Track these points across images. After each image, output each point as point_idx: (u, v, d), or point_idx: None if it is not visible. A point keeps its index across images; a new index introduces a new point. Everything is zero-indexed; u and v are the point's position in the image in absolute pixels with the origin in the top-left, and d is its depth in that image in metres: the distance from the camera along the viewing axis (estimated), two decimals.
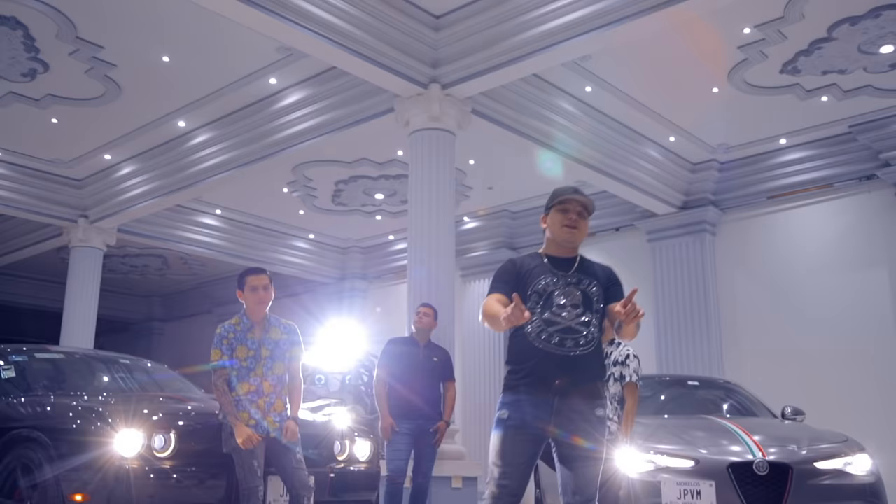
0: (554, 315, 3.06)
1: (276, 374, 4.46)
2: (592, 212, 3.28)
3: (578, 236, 3.23)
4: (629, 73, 8.56)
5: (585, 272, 3.18)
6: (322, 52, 7.27)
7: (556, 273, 3.14)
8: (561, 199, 3.22)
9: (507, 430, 3.02)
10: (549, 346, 3.03)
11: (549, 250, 3.25)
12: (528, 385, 3.03)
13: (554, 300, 3.08)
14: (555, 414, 2.99)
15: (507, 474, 2.98)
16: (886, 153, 9.50)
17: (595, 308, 3.12)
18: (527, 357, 3.06)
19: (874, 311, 9.56)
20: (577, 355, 3.04)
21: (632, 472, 5.26)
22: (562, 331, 3.05)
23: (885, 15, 7.26)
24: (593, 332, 3.10)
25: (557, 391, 2.99)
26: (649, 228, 11.45)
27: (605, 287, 3.18)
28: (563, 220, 3.19)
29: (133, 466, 4.05)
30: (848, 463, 5.39)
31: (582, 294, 3.11)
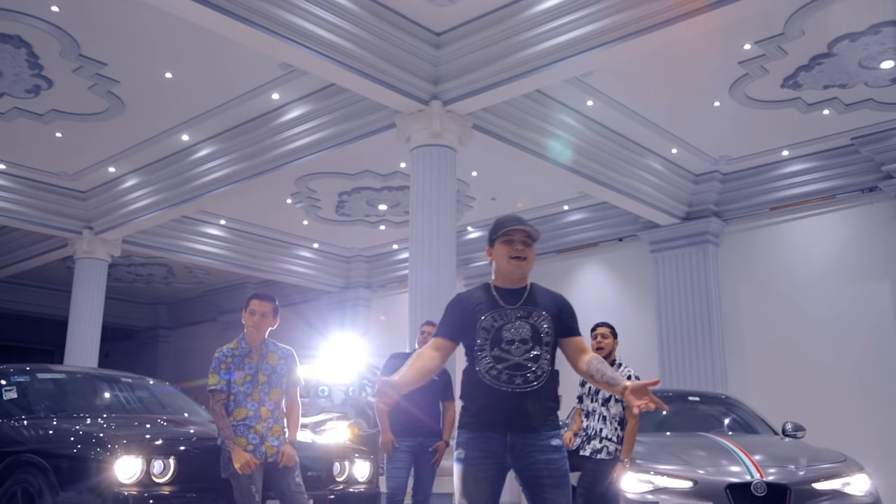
0: (502, 351, 3.03)
1: (273, 399, 4.49)
2: (537, 238, 3.22)
3: (526, 267, 3.17)
4: (630, 87, 8.58)
5: (534, 303, 3.13)
6: (323, 69, 7.31)
7: (503, 307, 3.11)
8: (505, 231, 3.16)
9: (466, 467, 3.03)
10: (498, 383, 3.01)
11: (497, 282, 3.19)
12: (481, 423, 3.04)
13: (502, 336, 3.05)
14: (510, 450, 3.00)
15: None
16: (888, 165, 9.51)
17: (545, 341, 3.08)
18: (478, 395, 3.05)
19: (876, 323, 9.56)
20: (528, 391, 3.01)
21: (630, 493, 5.28)
22: (511, 367, 3.02)
23: (884, 31, 7.26)
24: (543, 365, 3.06)
25: (510, 427, 3.00)
26: (652, 239, 11.46)
27: (556, 318, 3.14)
28: (510, 252, 3.13)
29: (132, 493, 4.08)
30: (846, 483, 5.40)
31: (531, 328, 3.08)
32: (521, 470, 3.02)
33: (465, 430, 3.08)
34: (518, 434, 3.00)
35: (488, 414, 3.03)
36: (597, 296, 12.08)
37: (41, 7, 7.17)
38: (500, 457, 3.01)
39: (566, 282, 12.50)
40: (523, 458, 3.00)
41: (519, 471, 3.03)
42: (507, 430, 3.00)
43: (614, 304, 11.87)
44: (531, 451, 3.00)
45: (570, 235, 12.51)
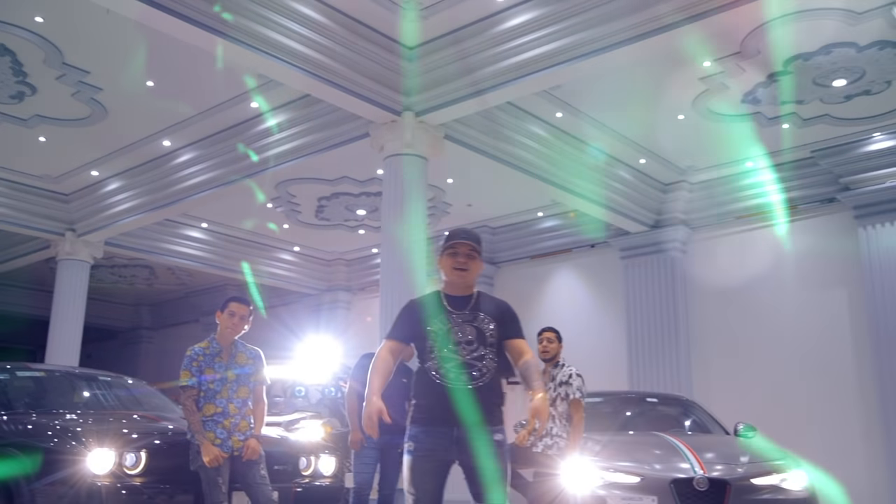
0: (450, 352, 3.34)
1: (240, 396, 4.77)
2: (481, 249, 3.54)
3: (469, 277, 3.49)
4: (598, 100, 8.90)
5: (480, 309, 3.45)
6: (298, 81, 7.59)
7: (451, 311, 3.42)
8: (451, 244, 3.50)
9: (414, 460, 3.33)
10: (445, 380, 3.31)
11: (446, 290, 3.52)
12: (429, 418, 3.33)
13: (450, 338, 3.36)
14: (455, 443, 3.28)
15: (420, 500, 3.30)
16: (846, 178, 9.87)
17: (489, 342, 3.38)
18: (428, 392, 3.36)
19: (832, 330, 9.92)
20: (472, 388, 3.31)
21: (580, 488, 5.59)
22: (458, 366, 3.32)
23: (835, 52, 7.61)
24: (488, 365, 3.36)
25: (457, 422, 3.28)
26: (622, 246, 11.80)
27: (499, 322, 3.45)
28: (453, 264, 3.46)
29: (105, 483, 4.36)
30: (784, 479, 5.73)
31: (476, 330, 3.39)
32: (465, 463, 3.30)
33: (415, 425, 3.37)
34: (464, 428, 3.27)
35: (437, 410, 3.31)
36: (569, 300, 12.42)
37: (26, 18, 7.41)
38: (447, 450, 3.30)
39: (540, 286, 12.83)
40: (467, 451, 3.28)
41: (463, 463, 3.31)
42: (453, 424, 3.28)
43: (585, 308, 12.20)
44: (475, 444, 3.27)
45: (544, 241, 12.83)
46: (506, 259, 13.30)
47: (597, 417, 6.85)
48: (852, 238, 9.94)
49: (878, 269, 9.56)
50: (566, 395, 5.73)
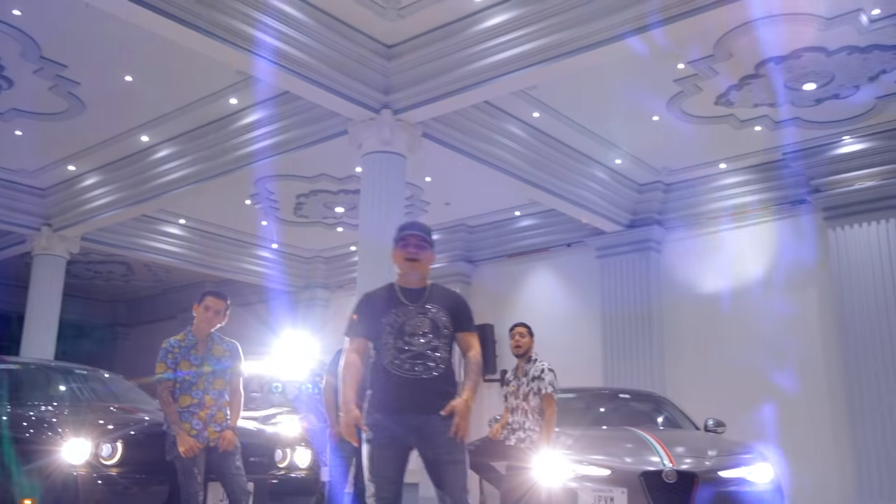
0: (405, 343, 3.46)
1: (216, 388, 4.83)
2: (432, 241, 3.66)
3: (420, 267, 3.62)
4: (574, 101, 9.01)
5: (434, 301, 3.58)
6: (278, 78, 7.63)
7: (406, 304, 3.54)
8: (402, 237, 3.63)
9: (373, 448, 3.44)
10: (401, 371, 3.43)
11: (400, 282, 3.65)
12: (386, 407, 3.44)
13: (405, 329, 3.47)
14: (413, 431, 3.40)
15: (381, 487, 3.41)
16: (816, 180, 10.07)
17: (443, 334, 3.51)
18: (384, 382, 3.47)
19: (803, 329, 10.11)
20: (427, 378, 3.44)
21: (552, 480, 5.70)
22: (413, 357, 3.44)
23: (805, 56, 7.78)
24: (442, 355, 3.50)
25: (413, 411, 3.40)
26: (598, 245, 11.94)
27: (453, 314, 3.57)
28: (405, 255, 3.60)
29: (80, 473, 4.40)
30: (751, 472, 5.88)
31: (430, 322, 3.51)
32: (423, 449, 3.42)
33: (372, 415, 3.47)
34: (420, 416, 3.39)
35: (393, 399, 3.43)
36: (545, 299, 12.54)
37: (3, 11, 7.38)
38: (405, 438, 3.41)
39: (517, 285, 12.95)
40: (425, 438, 3.40)
41: (421, 450, 3.43)
42: (410, 413, 3.40)
43: (561, 306, 12.33)
44: (432, 432, 3.39)
45: (521, 241, 12.94)
46: (483, 258, 13.40)
47: (570, 413, 6.97)
48: (822, 239, 10.14)
49: (846, 270, 9.76)
50: (538, 390, 5.84)
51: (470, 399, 3.41)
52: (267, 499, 5.17)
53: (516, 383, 6.00)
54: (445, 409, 3.37)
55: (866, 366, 9.33)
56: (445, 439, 3.38)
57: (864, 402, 9.29)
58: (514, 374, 6.08)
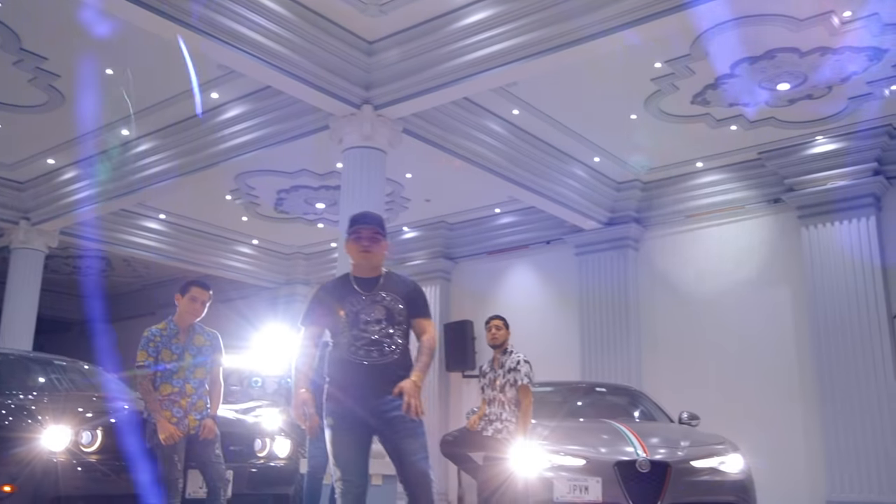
0: (361, 331, 3.56)
1: (197, 377, 4.88)
2: (385, 231, 3.77)
3: (373, 258, 3.72)
4: (553, 98, 9.12)
5: (388, 289, 3.69)
6: (259, 73, 7.67)
7: (360, 293, 3.64)
8: (354, 229, 3.73)
9: (335, 434, 3.55)
10: (357, 357, 3.54)
11: (355, 272, 3.75)
12: (345, 393, 3.55)
13: (360, 318, 3.58)
14: (371, 414, 3.51)
15: (346, 470, 3.52)
16: (791, 179, 10.25)
17: (397, 321, 3.63)
18: (341, 370, 3.58)
19: (777, 325, 10.29)
20: (383, 363, 3.55)
21: (528, 470, 5.79)
22: (367, 344, 3.55)
23: (779, 57, 7.93)
24: (397, 341, 3.61)
25: (369, 395, 3.51)
26: (577, 242, 12.06)
27: (407, 300, 3.68)
28: (358, 248, 3.70)
29: (60, 460, 4.44)
30: (722, 462, 6.02)
31: (385, 310, 3.62)
32: (381, 429, 3.51)
33: (331, 402, 3.58)
34: (377, 399, 3.50)
35: (350, 385, 3.53)
36: (525, 295, 12.64)
37: None
38: (365, 422, 3.51)
39: (496, 282, 13.05)
40: (381, 419, 3.50)
41: (380, 431, 3.52)
42: (367, 397, 3.50)
43: (540, 303, 12.44)
44: (387, 412, 3.49)
45: (501, 238, 13.04)
46: (463, 255, 13.49)
47: (546, 406, 7.07)
48: (796, 237, 10.32)
49: (819, 268, 9.94)
50: (515, 381, 5.94)
51: (418, 379, 3.50)
52: (246, 487, 5.22)
53: (493, 375, 6.08)
54: (395, 390, 3.48)
55: (838, 362, 9.51)
56: (399, 416, 3.48)
57: (835, 398, 9.46)
58: (490, 366, 6.17)
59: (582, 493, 5.69)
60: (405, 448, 3.51)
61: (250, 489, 5.28)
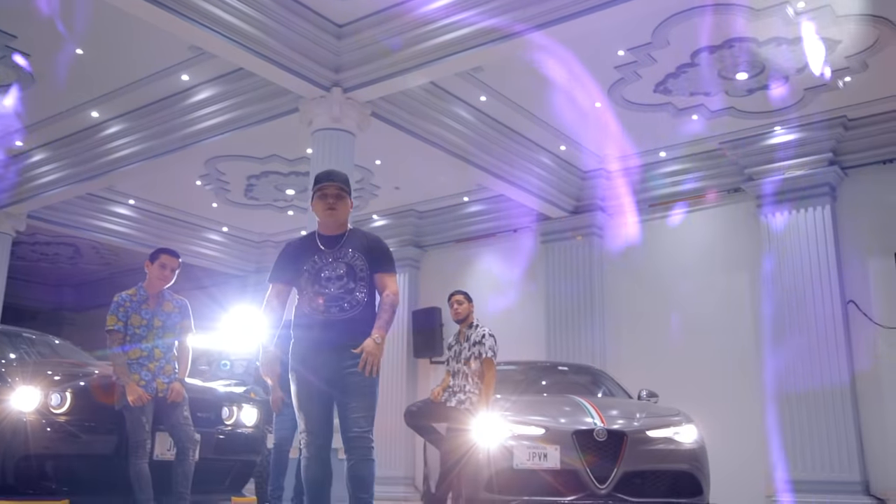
0: (322, 287, 3.67)
1: (166, 342, 4.99)
2: (349, 188, 3.87)
3: (339, 215, 3.82)
4: (519, 85, 9.30)
5: (351, 245, 3.78)
6: (229, 53, 7.76)
7: (323, 250, 3.75)
8: (319, 187, 3.83)
9: (299, 387, 3.69)
10: (317, 313, 3.65)
11: (320, 230, 3.87)
12: (305, 347, 3.67)
13: (322, 274, 3.69)
14: (330, 369, 3.63)
15: (310, 421, 3.66)
16: (750, 168, 10.54)
17: (359, 276, 3.73)
18: (304, 324, 3.70)
19: (735, 311, 10.59)
20: (342, 319, 3.66)
21: (490, 440, 5.97)
22: (329, 299, 3.66)
23: (737, 46, 8.20)
24: (358, 297, 3.71)
25: (330, 348, 3.63)
26: (543, 231, 12.28)
27: (368, 256, 3.78)
28: (324, 206, 3.79)
29: (30, 420, 4.52)
30: (677, 432, 6.24)
31: (346, 265, 3.72)
32: (335, 381, 3.63)
33: (295, 356, 3.71)
34: (336, 355, 3.62)
35: (312, 339, 3.65)
36: (492, 283, 12.82)
37: None
38: (326, 374, 3.63)
39: (464, 269, 13.21)
40: (339, 374, 3.63)
41: (332, 381, 3.64)
42: (327, 352, 3.62)
43: (507, 290, 12.62)
44: (345, 368, 3.62)
45: (470, 226, 13.22)
46: (432, 243, 13.65)
47: (510, 384, 7.25)
48: (755, 226, 10.61)
49: (777, 255, 10.24)
50: (479, 355, 6.11)
51: (378, 337, 3.62)
52: (212, 453, 5.33)
53: (458, 347, 6.25)
54: (357, 348, 3.61)
55: (793, 346, 9.80)
56: (354, 373, 3.61)
57: (789, 381, 9.75)
58: (455, 339, 6.34)
59: (541, 459, 5.87)
60: (351, 404, 3.62)
61: (217, 455, 5.39)
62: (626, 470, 5.86)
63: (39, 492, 4.49)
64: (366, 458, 3.63)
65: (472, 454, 5.97)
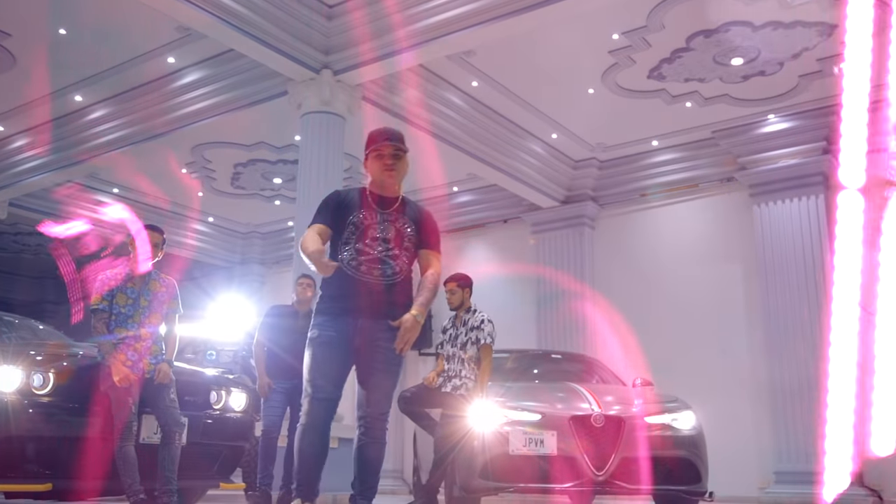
0: (366, 246, 3.38)
1: (152, 322, 4.81)
2: (406, 147, 3.59)
3: (397, 177, 3.57)
4: (511, 70, 9.18)
5: (403, 212, 3.54)
6: (218, 32, 7.60)
7: (375, 209, 3.47)
8: (375, 147, 3.55)
9: (317, 346, 3.36)
10: (357, 273, 3.36)
11: (372, 188, 3.58)
12: (336, 307, 3.38)
13: (368, 233, 3.40)
14: (359, 333, 3.35)
15: (319, 387, 3.34)
16: (743, 157, 10.47)
17: (405, 245, 3.46)
18: (339, 283, 3.38)
19: (727, 300, 10.52)
20: (384, 284, 3.38)
21: (485, 426, 5.83)
22: (371, 261, 3.37)
23: (733, 30, 8.11)
24: (402, 265, 3.43)
25: (363, 314, 3.35)
26: (534, 221, 12.17)
27: (420, 228, 3.55)
28: (381, 166, 3.53)
29: (11, 400, 4.34)
30: (675, 419, 6.11)
31: (395, 230, 3.45)
32: (362, 350, 3.37)
33: (320, 315, 3.43)
34: (371, 321, 3.35)
35: (345, 300, 3.36)
36: (482, 273, 12.62)
37: None
38: (350, 340, 3.35)
39: (454, 260, 13.01)
40: (369, 344, 3.36)
41: (359, 350, 3.37)
42: (359, 316, 3.35)
43: (498, 280, 12.47)
44: (377, 340, 3.36)
45: (459, 217, 13.08)
46: None
47: (502, 372, 7.11)
48: (748, 215, 10.54)
49: (769, 245, 10.18)
50: (476, 340, 5.97)
51: (419, 314, 3.36)
52: (200, 437, 5.16)
53: (454, 331, 6.11)
54: (396, 321, 3.35)
55: (786, 336, 9.76)
56: (386, 347, 3.37)
57: (782, 371, 9.70)
58: (452, 323, 6.19)
59: (537, 446, 5.73)
60: (375, 380, 3.39)
61: (204, 438, 5.22)
62: (623, 456, 5.71)
63: (21, 475, 4.32)
64: (380, 441, 3.42)
65: (467, 440, 5.82)
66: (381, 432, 3.46)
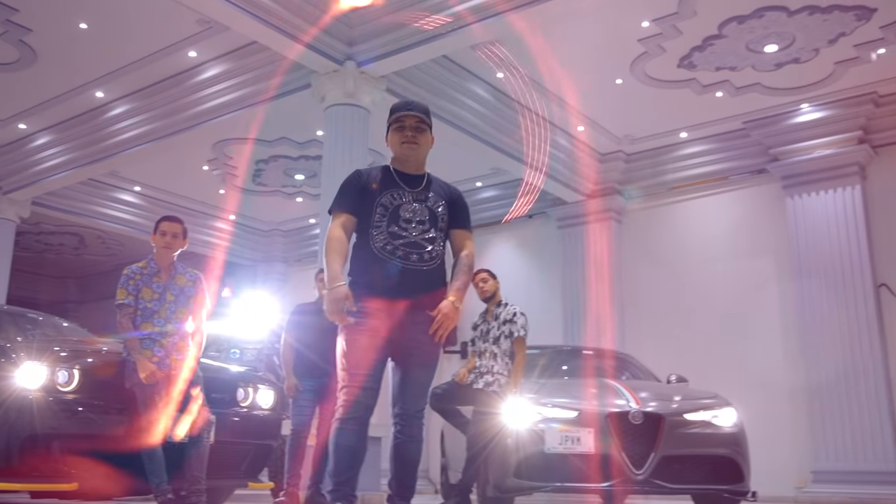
0: (400, 229, 3.17)
1: (179, 317, 4.68)
2: (430, 121, 3.34)
3: (420, 151, 3.33)
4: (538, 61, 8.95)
5: (432, 190, 3.31)
6: (242, 25, 7.47)
7: (403, 188, 3.25)
8: (397, 118, 3.31)
9: (353, 335, 3.16)
10: (393, 257, 3.14)
11: (396, 165, 3.35)
12: (374, 293, 3.15)
13: (400, 214, 3.18)
14: (399, 324, 3.14)
15: (357, 376, 3.13)
16: (775, 149, 10.21)
17: (440, 226, 3.24)
18: (372, 269, 3.16)
19: (761, 296, 10.26)
20: (421, 269, 3.17)
21: (520, 423, 5.65)
22: (406, 244, 3.16)
23: (767, 16, 7.86)
24: (438, 248, 3.22)
25: (399, 301, 3.13)
26: (560, 216, 11.96)
27: (451, 207, 3.33)
28: (401, 138, 3.29)
29: (36, 398, 4.22)
30: (715, 416, 5.90)
31: (428, 211, 3.24)
32: (398, 340, 3.17)
33: (357, 300, 3.17)
34: (409, 310, 3.15)
35: (383, 286, 3.14)
36: (508, 270, 12.43)
37: None
38: (388, 328, 3.15)
39: (478, 256, 12.81)
40: (406, 334, 3.17)
41: (395, 340, 3.17)
42: (396, 303, 3.14)
43: (523, 276, 12.31)
44: (414, 327, 3.16)
45: (483, 212, 12.88)
46: None
47: (534, 368, 6.93)
48: (780, 208, 10.28)
49: (803, 238, 9.92)
50: (510, 333, 5.80)
51: (457, 300, 3.17)
52: (228, 435, 5.02)
53: (485, 326, 5.94)
54: (434, 309, 3.16)
55: (822, 332, 9.50)
56: (424, 340, 3.18)
57: (819, 368, 9.44)
58: (482, 318, 6.03)
59: (574, 443, 5.54)
60: (412, 373, 3.21)
61: (232, 437, 5.08)
62: (663, 454, 5.52)
63: (46, 474, 4.19)
64: (417, 439, 3.26)
65: (501, 438, 5.65)
66: (419, 430, 3.30)
